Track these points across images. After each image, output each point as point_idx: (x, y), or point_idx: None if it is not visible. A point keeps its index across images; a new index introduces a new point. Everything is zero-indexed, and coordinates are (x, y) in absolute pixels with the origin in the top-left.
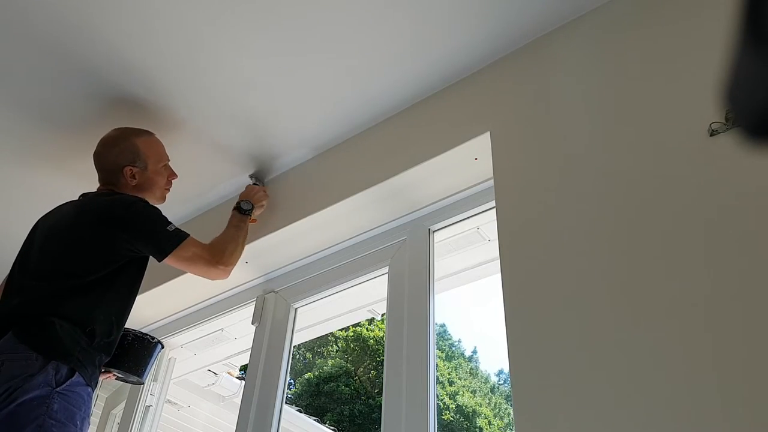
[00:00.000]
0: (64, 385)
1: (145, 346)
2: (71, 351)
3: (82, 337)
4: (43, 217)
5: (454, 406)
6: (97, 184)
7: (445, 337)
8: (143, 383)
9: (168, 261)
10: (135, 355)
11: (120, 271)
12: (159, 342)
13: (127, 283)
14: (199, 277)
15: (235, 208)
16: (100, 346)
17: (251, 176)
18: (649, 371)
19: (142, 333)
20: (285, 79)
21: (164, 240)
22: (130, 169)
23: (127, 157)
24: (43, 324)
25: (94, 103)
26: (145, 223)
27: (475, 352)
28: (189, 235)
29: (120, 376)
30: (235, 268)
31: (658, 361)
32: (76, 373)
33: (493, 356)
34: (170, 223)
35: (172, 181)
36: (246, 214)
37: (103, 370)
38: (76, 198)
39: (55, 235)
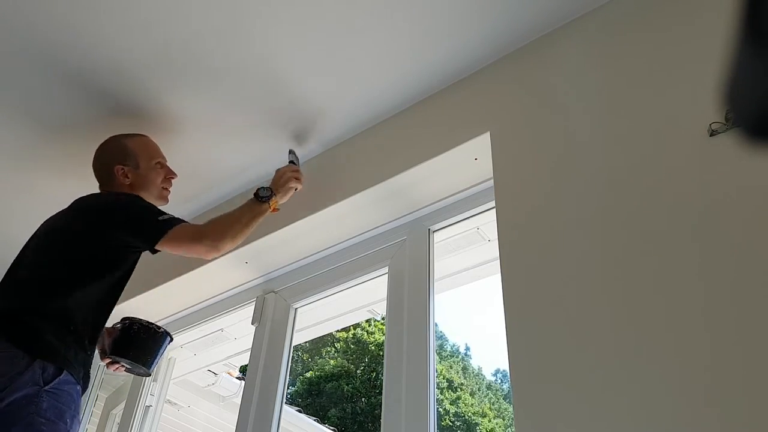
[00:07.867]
0: (53, 383)
1: (151, 336)
2: (58, 349)
3: (69, 335)
4: (44, 222)
5: (453, 406)
6: (97, 189)
7: (437, 335)
8: (150, 374)
9: (161, 246)
10: (142, 344)
11: (110, 264)
12: (167, 333)
13: (112, 282)
14: (199, 276)
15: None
16: (88, 339)
17: (291, 152)
18: (649, 371)
19: (148, 322)
20: (284, 78)
21: (151, 228)
22: (122, 168)
23: (117, 157)
24: (28, 322)
25: (91, 108)
26: (131, 211)
27: (468, 349)
28: (183, 221)
29: (128, 367)
30: (235, 268)
31: (658, 361)
32: (64, 371)
33: (490, 356)
34: (163, 213)
35: (172, 180)
36: (262, 201)
37: (109, 360)
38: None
39: (49, 233)
